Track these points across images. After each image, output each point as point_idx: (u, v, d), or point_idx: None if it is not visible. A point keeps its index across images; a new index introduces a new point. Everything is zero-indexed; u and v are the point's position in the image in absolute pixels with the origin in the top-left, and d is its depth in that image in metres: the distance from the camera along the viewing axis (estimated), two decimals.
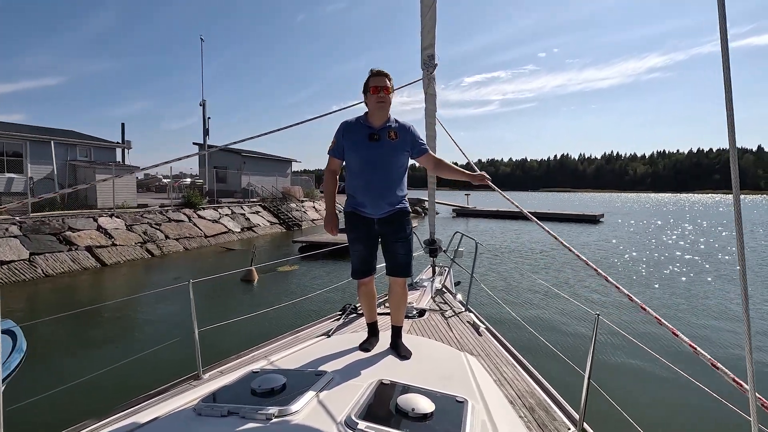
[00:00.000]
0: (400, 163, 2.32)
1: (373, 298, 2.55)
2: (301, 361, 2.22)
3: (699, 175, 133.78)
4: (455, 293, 3.95)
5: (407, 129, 2.33)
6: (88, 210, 14.18)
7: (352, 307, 3.30)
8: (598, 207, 40.16)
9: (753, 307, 7.61)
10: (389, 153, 2.27)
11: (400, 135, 2.30)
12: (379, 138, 2.26)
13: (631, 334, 5.74)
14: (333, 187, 2.46)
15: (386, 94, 2.25)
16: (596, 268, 1.81)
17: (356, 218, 2.37)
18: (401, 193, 2.36)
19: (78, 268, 10.99)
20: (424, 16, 3.56)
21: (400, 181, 2.35)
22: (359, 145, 2.28)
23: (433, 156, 2.42)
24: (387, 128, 2.29)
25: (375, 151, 2.26)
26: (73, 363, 5.33)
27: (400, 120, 2.36)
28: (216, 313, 7.29)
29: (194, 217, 16.68)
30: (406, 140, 2.31)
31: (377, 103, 2.25)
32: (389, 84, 2.27)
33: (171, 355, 4.80)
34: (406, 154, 2.33)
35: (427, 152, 2.37)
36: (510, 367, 2.38)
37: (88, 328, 6.67)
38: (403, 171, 2.36)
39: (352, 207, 2.38)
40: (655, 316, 1.42)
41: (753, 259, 12.83)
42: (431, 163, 2.42)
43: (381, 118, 2.29)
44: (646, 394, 4.45)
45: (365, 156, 2.27)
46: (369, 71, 2.31)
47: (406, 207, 2.39)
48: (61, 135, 17.99)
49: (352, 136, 2.31)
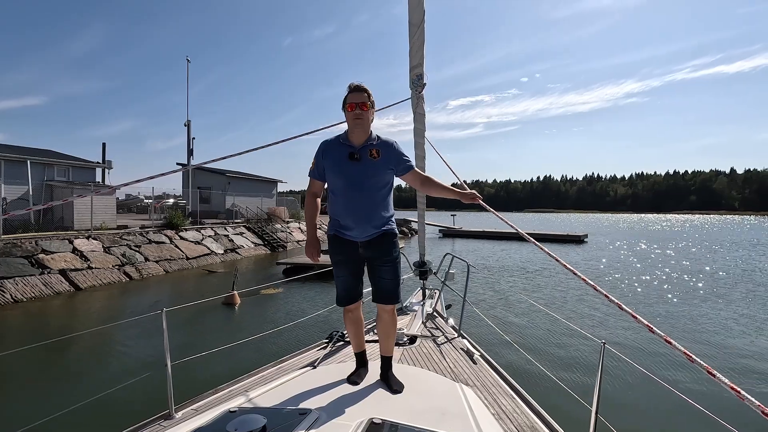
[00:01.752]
0: (384, 183, 2.18)
1: (360, 326, 2.39)
2: (283, 398, 2.04)
3: (676, 196, 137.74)
4: (447, 317, 3.80)
5: (390, 145, 2.19)
6: (63, 232, 13.68)
7: (340, 334, 3.12)
8: (582, 227, 40.77)
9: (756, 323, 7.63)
10: (371, 172, 2.13)
11: (383, 153, 2.16)
12: (359, 157, 2.13)
13: (642, 363, 5.47)
14: (314, 210, 2.31)
15: (363, 111, 2.11)
16: (609, 296, 1.66)
17: (339, 241, 2.24)
18: (386, 213, 2.22)
19: (50, 292, 10.48)
20: (412, 36, 3.53)
21: (385, 201, 2.21)
22: (339, 165, 2.15)
23: (420, 173, 2.26)
24: (368, 146, 2.15)
25: (356, 170, 2.12)
26: (32, 401, 4.87)
27: (383, 136, 2.23)
28: (194, 341, 6.95)
29: (176, 239, 16.24)
30: (389, 158, 2.17)
31: (354, 120, 2.12)
32: (368, 100, 2.13)
33: (141, 391, 4.41)
34: (389, 172, 2.19)
35: (412, 169, 2.22)
36: (508, 399, 2.23)
37: (51, 360, 6.20)
38: (387, 191, 2.22)
39: (335, 230, 2.25)
40: (686, 353, 1.25)
41: (746, 276, 13.02)
42: (417, 180, 2.25)
43: (361, 136, 2.16)
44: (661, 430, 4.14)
45: (346, 176, 2.13)
46: (347, 86, 2.18)
47: (392, 228, 2.25)
48: (37, 154, 17.51)
49: (332, 155, 2.18)
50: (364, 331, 2.47)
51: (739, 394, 1.10)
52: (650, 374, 2.17)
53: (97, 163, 20.48)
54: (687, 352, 1.24)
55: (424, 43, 3.54)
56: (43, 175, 16.74)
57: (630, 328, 7.39)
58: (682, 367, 5.53)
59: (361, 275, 2.30)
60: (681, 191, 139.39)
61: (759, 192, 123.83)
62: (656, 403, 4.59)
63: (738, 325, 7.82)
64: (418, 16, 3.43)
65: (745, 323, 7.96)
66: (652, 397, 4.69)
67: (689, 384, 5.07)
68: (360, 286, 2.31)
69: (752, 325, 7.88)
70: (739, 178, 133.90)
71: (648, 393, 4.77)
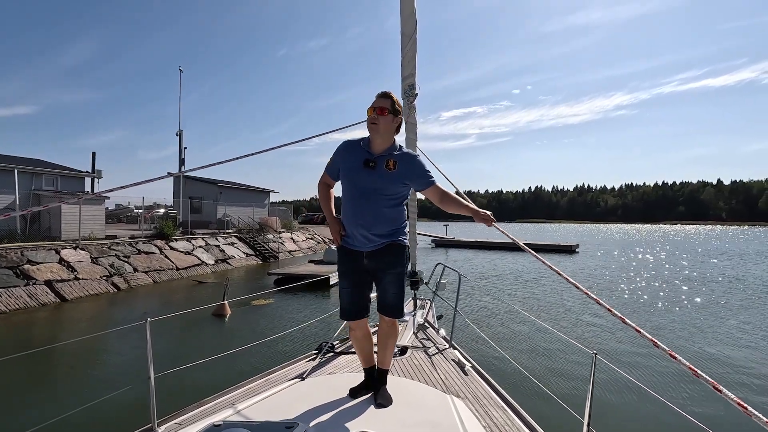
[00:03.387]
0: (396, 195, 2.11)
1: (364, 344, 2.28)
2: (271, 410, 1.99)
3: (665, 206, 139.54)
4: (438, 328, 3.77)
5: (412, 159, 2.11)
6: (50, 242, 13.45)
7: (329, 345, 3.08)
8: (573, 237, 41.03)
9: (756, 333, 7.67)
10: (384, 183, 2.06)
11: (400, 166, 2.07)
12: (375, 165, 2.06)
13: (633, 373, 5.46)
14: (327, 197, 2.25)
15: (379, 116, 2.04)
16: (612, 309, 1.63)
17: (344, 251, 2.19)
18: (395, 225, 2.14)
19: (35, 304, 10.25)
20: (404, 47, 3.58)
21: (394, 212, 2.13)
22: (353, 170, 2.09)
23: (440, 188, 2.14)
24: (387, 156, 2.08)
25: (368, 179, 2.06)
26: (8, 415, 4.67)
27: (407, 149, 2.17)
28: (181, 353, 6.82)
29: (166, 249, 16.05)
30: (408, 172, 2.08)
31: (370, 124, 2.07)
32: (390, 106, 2.06)
33: (123, 404, 4.21)
34: (405, 186, 2.11)
35: (433, 185, 2.12)
36: (500, 411, 2.20)
37: (30, 372, 6.01)
38: (398, 203, 2.14)
39: (342, 239, 2.20)
40: (691, 368, 1.22)
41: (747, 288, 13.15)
42: (437, 196, 2.13)
43: (381, 144, 2.09)
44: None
45: (357, 183, 2.08)
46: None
47: (400, 240, 2.16)
48: (25, 163, 17.28)
49: (349, 158, 2.12)
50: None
51: (746, 410, 1.08)
52: (642, 385, 2.16)
53: (87, 172, 20.26)
54: (692, 367, 1.22)
55: (415, 54, 3.59)
56: (30, 185, 16.50)
57: (623, 339, 7.39)
58: (674, 378, 5.51)
59: (367, 288, 2.22)
60: (670, 202, 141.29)
61: (745, 202, 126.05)
62: (648, 414, 4.55)
63: (743, 333, 7.86)
64: (410, 27, 3.48)
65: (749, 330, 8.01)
66: (644, 408, 4.65)
67: (681, 395, 5.06)
68: (365, 301, 2.22)
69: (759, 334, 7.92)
70: (725, 189, 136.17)
71: (640, 404, 4.74)
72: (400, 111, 2.12)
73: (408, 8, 3.39)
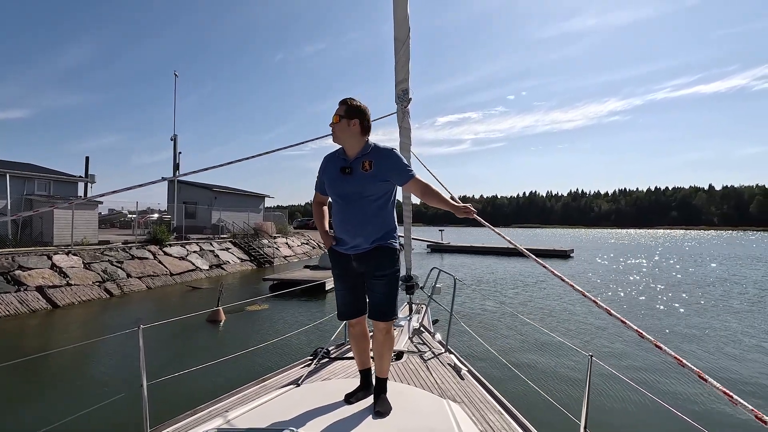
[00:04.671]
0: (378, 195, 2.10)
1: (363, 342, 2.32)
2: (265, 418, 1.97)
3: (657, 211, 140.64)
4: (434, 332, 3.76)
5: (387, 155, 2.10)
6: (42, 247, 13.30)
7: (324, 350, 3.06)
8: (568, 242, 41.20)
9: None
10: (362, 185, 2.07)
11: (376, 164, 2.08)
12: (351, 171, 2.09)
13: (629, 375, 5.46)
14: (321, 215, 2.32)
15: (334, 124, 2.08)
16: (610, 310, 1.63)
17: (335, 255, 2.25)
18: (382, 228, 2.14)
19: (26, 310, 10.11)
20: (398, 52, 3.58)
21: (380, 214, 2.13)
22: (333, 179, 2.14)
23: (420, 181, 2.14)
24: (361, 158, 2.09)
25: (347, 185, 2.09)
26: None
27: (381, 145, 2.15)
28: (175, 360, 6.74)
29: (159, 254, 15.92)
30: (384, 169, 2.08)
31: (331, 133, 2.13)
32: (342, 112, 2.07)
33: (116, 412, 4.18)
34: (385, 183, 2.10)
35: (413, 178, 2.11)
36: (496, 414, 2.19)
37: (20, 381, 5.90)
38: (382, 203, 2.13)
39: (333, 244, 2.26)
40: (698, 372, 1.21)
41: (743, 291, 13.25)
42: (419, 189, 2.13)
43: (351, 149, 2.11)
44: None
45: (338, 191, 2.13)
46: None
47: (388, 243, 2.16)
48: (17, 168, 17.12)
49: (329, 168, 2.18)
50: (369, 349, 2.37)
51: (732, 398, 1.09)
52: (638, 387, 2.16)
53: (80, 177, 20.10)
54: (677, 357, 1.23)
55: (409, 59, 3.59)
56: (22, 189, 16.34)
57: (619, 339, 7.43)
58: (670, 378, 5.55)
59: (360, 291, 2.26)
60: (663, 207, 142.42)
61: (736, 207, 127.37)
62: (645, 415, 4.58)
63: (747, 337, 7.91)
64: (403, 32, 3.49)
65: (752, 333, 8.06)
66: (641, 409, 4.68)
67: (677, 395, 5.08)
68: (359, 302, 2.27)
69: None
70: (717, 194, 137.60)
71: (637, 406, 4.77)
72: (359, 112, 2.09)
73: (401, 13, 3.40)
